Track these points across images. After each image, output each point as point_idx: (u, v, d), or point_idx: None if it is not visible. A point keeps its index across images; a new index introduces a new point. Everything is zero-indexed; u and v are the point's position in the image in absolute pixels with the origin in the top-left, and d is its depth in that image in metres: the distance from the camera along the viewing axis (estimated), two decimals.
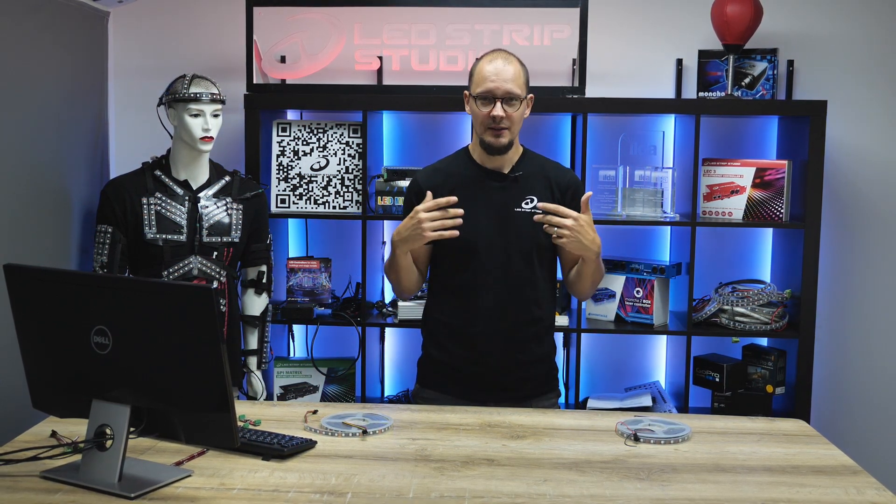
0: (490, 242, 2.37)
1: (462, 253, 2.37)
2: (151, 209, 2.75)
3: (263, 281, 2.98)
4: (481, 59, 2.38)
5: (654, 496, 1.75)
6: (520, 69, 2.36)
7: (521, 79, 2.36)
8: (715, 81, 3.40)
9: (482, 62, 2.36)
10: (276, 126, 3.30)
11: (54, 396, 1.90)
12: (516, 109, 2.34)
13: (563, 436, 2.11)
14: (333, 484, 1.78)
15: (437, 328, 2.46)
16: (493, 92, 2.31)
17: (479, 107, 2.34)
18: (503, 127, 2.33)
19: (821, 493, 1.78)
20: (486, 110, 2.32)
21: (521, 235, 2.37)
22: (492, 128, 2.33)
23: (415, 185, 2.45)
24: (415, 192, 2.42)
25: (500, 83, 2.31)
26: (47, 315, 1.85)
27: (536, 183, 2.42)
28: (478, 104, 2.34)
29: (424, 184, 2.40)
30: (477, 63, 2.39)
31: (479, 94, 2.33)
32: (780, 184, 3.19)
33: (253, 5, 3.20)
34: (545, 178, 2.44)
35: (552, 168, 2.49)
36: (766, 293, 3.21)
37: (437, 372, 2.48)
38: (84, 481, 1.75)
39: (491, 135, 2.34)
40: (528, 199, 2.39)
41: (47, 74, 2.77)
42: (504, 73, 2.31)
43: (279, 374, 3.30)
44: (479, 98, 2.33)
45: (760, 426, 2.23)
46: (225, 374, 1.66)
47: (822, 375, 3.46)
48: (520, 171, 2.43)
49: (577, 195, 2.41)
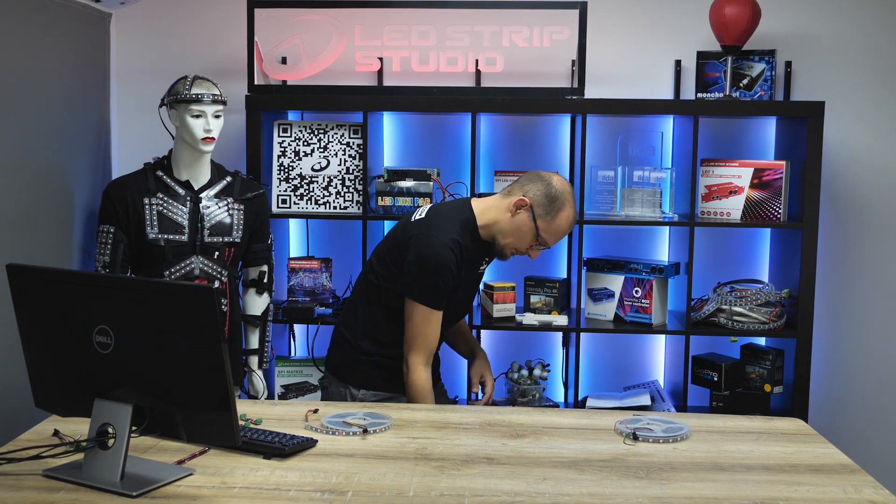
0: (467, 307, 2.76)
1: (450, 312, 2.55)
2: (153, 209, 2.76)
3: (265, 281, 2.99)
4: (567, 213, 2.50)
5: (652, 495, 1.76)
6: None
7: None
8: (713, 82, 3.41)
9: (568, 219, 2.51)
10: (276, 127, 3.31)
11: (57, 395, 1.91)
12: None
13: (562, 435, 2.12)
14: (334, 482, 1.79)
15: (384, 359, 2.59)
16: (550, 245, 2.54)
17: (532, 240, 2.50)
18: None
19: (818, 492, 1.79)
20: (532, 247, 2.53)
21: (476, 288, 2.74)
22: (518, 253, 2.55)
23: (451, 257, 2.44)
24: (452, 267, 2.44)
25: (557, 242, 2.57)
26: (50, 315, 1.86)
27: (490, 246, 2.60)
28: (535, 239, 2.49)
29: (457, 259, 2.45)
30: (563, 212, 2.49)
31: (544, 240, 2.51)
32: (777, 184, 3.20)
33: (254, 7, 3.21)
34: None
35: None
36: (764, 293, 3.22)
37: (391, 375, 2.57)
38: (86, 480, 1.76)
39: (511, 254, 2.56)
40: (486, 260, 2.65)
41: (49, 75, 2.78)
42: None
43: (280, 374, 3.32)
44: (541, 242, 2.51)
45: (758, 425, 2.24)
46: (226, 374, 1.67)
47: (819, 375, 3.47)
48: None
49: None
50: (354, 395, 2.59)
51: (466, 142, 3.40)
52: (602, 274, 3.31)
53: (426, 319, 2.45)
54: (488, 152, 3.50)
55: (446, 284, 2.43)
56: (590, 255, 3.37)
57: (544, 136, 3.50)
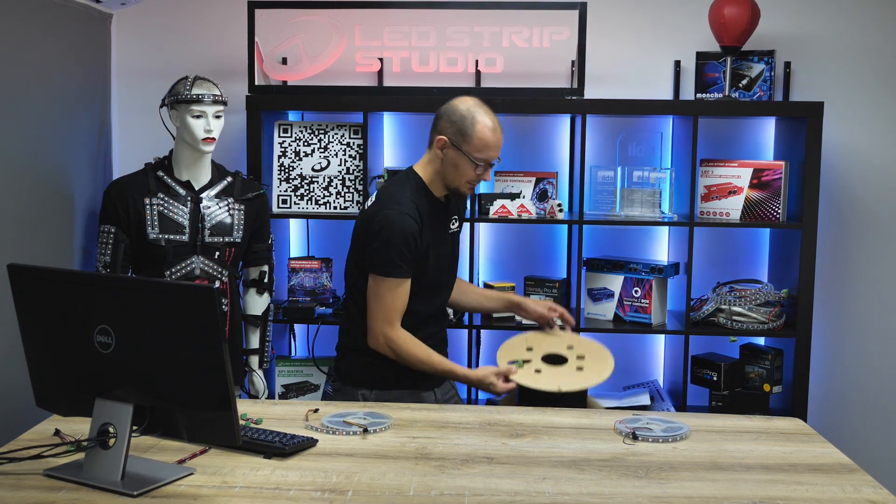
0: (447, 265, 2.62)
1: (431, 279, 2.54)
2: (154, 209, 2.77)
3: (265, 281, 3.00)
4: (477, 121, 2.45)
5: (652, 494, 1.76)
6: None
7: None
8: (712, 83, 3.41)
9: (481, 126, 2.44)
10: (277, 127, 3.32)
11: (58, 395, 1.91)
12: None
13: (562, 434, 2.13)
14: (334, 482, 1.79)
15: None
16: (492, 160, 2.47)
17: (469, 166, 2.45)
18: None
19: (817, 491, 1.80)
20: (477, 173, 2.46)
21: (455, 253, 2.68)
22: (472, 186, 2.50)
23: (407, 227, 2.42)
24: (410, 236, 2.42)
25: (498, 150, 2.47)
26: (51, 314, 1.87)
27: (451, 205, 2.63)
28: (470, 164, 2.45)
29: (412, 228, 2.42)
30: (472, 124, 2.44)
31: (480, 159, 2.44)
32: (777, 184, 3.21)
33: (254, 7, 3.21)
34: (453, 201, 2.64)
35: None
36: (763, 293, 3.23)
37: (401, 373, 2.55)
38: (87, 479, 1.76)
39: (468, 190, 2.53)
40: (454, 220, 2.64)
41: (50, 76, 2.78)
42: (501, 140, 2.47)
43: (280, 373, 3.32)
44: (479, 161, 2.44)
45: (758, 425, 2.24)
46: (227, 373, 1.67)
47: (818, 374, 3.48)
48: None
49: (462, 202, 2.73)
50: (367, 396, 2.55)
51: None
52: (602, 274, 3.31)
53: (393, 291, 2.43)
54: None
55: (411, 251, 2.42)
56: (589, 255, 3.38)
57: (544, 137, 3.51)
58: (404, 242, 2.41)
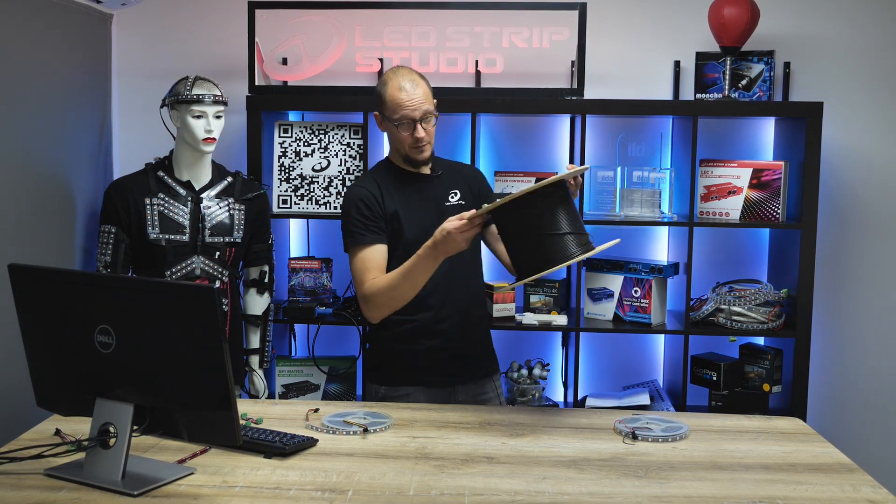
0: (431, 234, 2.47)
1: (409, 248, 2.42)
2: (154, 209, 2.77)
3: (265, 281, 3.00)
4: (387, 85, 2.45)
5: (652, 494, 1.76)
6: (425, 85, 2.47)
7: (430, 93, 2.48)
8: (712, 83, 3.42)
9: (391, 88, 2.44)
10: (277, 127, 3.32)
11: (58, 395, 1.92)
12: (433, 124, 2.48)
13: (561, 434, 2.13)
14: (335, 482, 1.80)
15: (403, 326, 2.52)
16: (412, 117, 2.42)
17: (398, 130, 2.45)
18: (426, 143, 2.47)
19: (817, 491, 1.80)
20: (407, 133, 2.45)
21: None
22: (415, 146, 2.47)
23: (356, 193, 2.49)
24: (360, 199, 2.47)
25: (416, 106, 2.42)
26: (51, 314, 1.87)
27: (454, 180, 2.61)
28: (397, 128, 2.45)
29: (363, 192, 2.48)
30: (384, 89, 2.46)
31: (397, 119, 2.43)
32: (776, 184, 3.21)
33: (255, 8, 3.22)
34: (458, 174, 2.64)
35: (459, 166, 2.71)
36: (762, 293, 3.23)
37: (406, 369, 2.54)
38: (87, 479, 1.76)
39: (416, 152, 2.48)
40: (453, 194, 2.58)
41: (51, 76, 2.79)
42: (416, 96, 2.42)
43: (281, 373, 3.32)
44: (398, 123, 2.43)
45: (757, 424, 2.25)
46: (227, 373, 1.68)
47: (818, 374, 3.48)
48: (439, 171, 2.59)
49: (484, 183, 2.69)
50: (377, 391, 2.57)
51: (466, 142, 3.41)
52: (601, 274, 3.32)
53: (357, 258, 2.44)
54: (488, 153, 3.51)
55: (363, 214, 2.44)
56: None
57: (544, 137, 3.51)
58: (354, 208, 2.46)
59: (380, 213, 2.46)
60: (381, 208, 2.47)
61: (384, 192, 2.49)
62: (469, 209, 2.48)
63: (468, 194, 2.59)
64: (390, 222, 2.48)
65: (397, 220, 2.48)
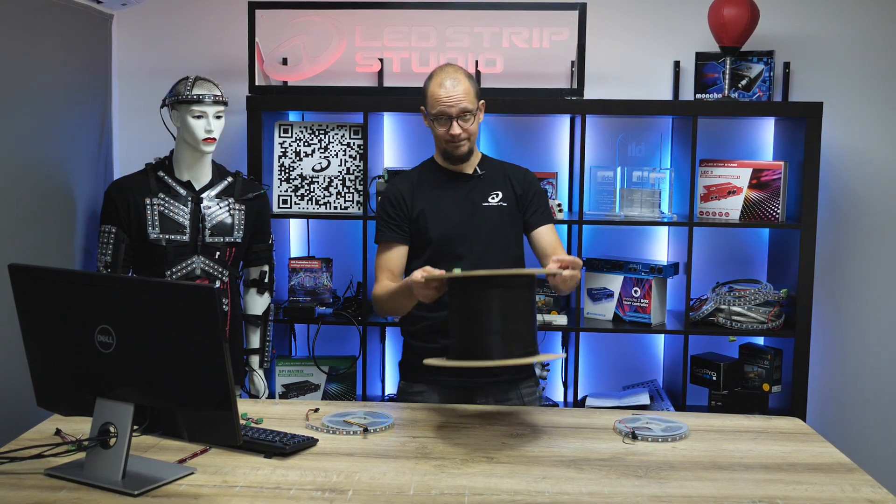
0: (462, 234, 2.51)
1: (436, 246, 2.50)
2: (154, 210, 2.77)
3: (265, 281, 3.00)
4: (431, 80, 2.49)
5: (651, 493, 1.77)
6: (468, 84, 2.48)
7: (472, 92, 2.48)
8: (712, 83, 3.42)
9: (432, 84, 2.48)
10: (277, 127, 3.32)
11: (58, 395, 1.92)
12: (471, 123, 2.49)
13: (561, 434, 2.13)
14: (335, 481, 1.80)
15: (420, 323, 2.53)
16: (448, 113, 2.45)
17: (436, 126, 2.48)
18: (462, 139, 2.48)
19: (816, 491, 1.80)
20: (443, 129, 2.47)
21: (492, 227, 2.53)
22: (451, 142, 2.49)
23: (388, 191, 2.59)
24: (388, 199, 2.56)
25: (454, 103, 2.44)
26: (52, 314, 1.87)
27: (498, 180, 2.58)
28: (435, 124, 2.48)
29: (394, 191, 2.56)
30: (428, 84, 2.50)
31: (435, 115, 2.46)
32: (776, 184, 3.21)
33: (255, 8, 3.22)
34: (504, 176, 2.60)
35: (509, 167, 2.66)
36: (762, 293, 3.23)
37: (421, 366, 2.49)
38: (88, 479, 1.77)
39: (452, 147, 2.50)
40: (494, 195, 2.56)
41: (51, 76, 2.79)
42: (455, 93, 2.44)
43: (281, 373, 3.33)
44: (436, 119, 2.46)
45: (757, 424, 2.25)
46: (227, 373, 1.68)
47: (817, 374, 3.48)
48: (483, 171, 2.58)
49: (532, 186, 2.60)
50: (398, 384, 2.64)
51: None
52: (601, 274, 3.32)
53: (379, 254, 2.54)
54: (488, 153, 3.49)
55: (388, 213, 2.53)
56: (589, 255, 3.38)
57: (544, 137, 3.51)
58: (382, 205, 2.57)
59: (404, 214, 2.53)
60: (407, 209, 2.53)
61: (417, 190, 2.54)
62: (509, 211, 2.55)
63: (511, 196, 2.56)
64: (415, 222, 2.52)
65: (423, 219, 2.51)
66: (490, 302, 2.01)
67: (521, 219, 2.57)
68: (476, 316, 2.02)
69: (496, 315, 2.01)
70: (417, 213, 2.52)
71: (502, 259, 2.52)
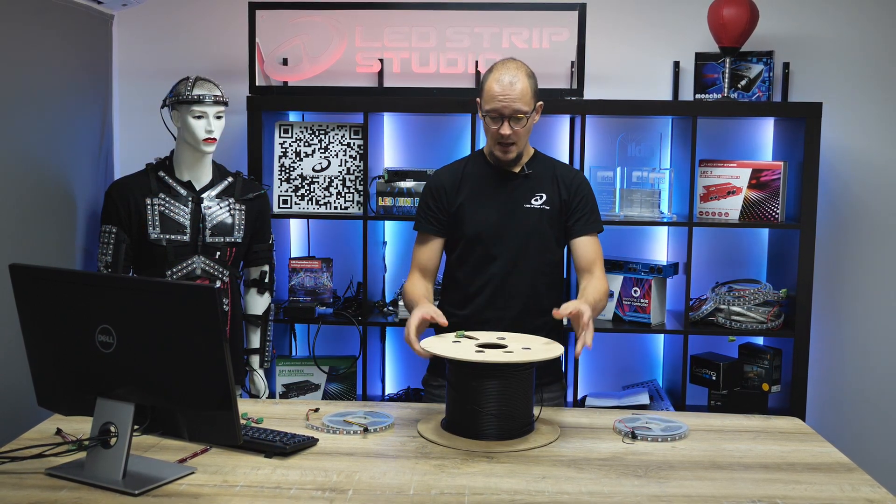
0: (498, 235, 2.46)
1: (471, 243, 2.47)
2: (155, 210, 2.78)
3: (266, 281, 3.00)
4: (491, 74, 2.41)
5: (651, 493, 1.77)
6: (527, 84, 2.39)
7: (529, 94, 2.39)
8: (711, 83, 3.42)
9: (491, 79, 2.39)
10: (278, 128, 3.33)
11: (59, 394, 1.92)
12: (524, 125, 2.40)
13: (561, 433, 2.13)
14: (335, 481, 1.80)
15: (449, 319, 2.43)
16: (501, 111, 2.37)
17: (488, 122, 2.41)
18: (511, 143, 2.41)
19: (816, 490, 1.80)
20: (494, 127, 2.40)
21: (530, 230, 2.46)
22: (500, 143, 2.41)
23: (432, 181, 2.55)
24: (431, 189, 2.53)
25: (508, 103, 2.36)
26: (52, 314, 1.87)
27: (545, 181, 2.50)
28: (487, 119, 2.40)
29: (437, 182, 2.53)
30: (487, 76, 2.41)
31: (487, 111, 2.39)
32: (775, 185, 3.22)
33: (255, 8, 3.22)
34: (553, 177, 2.52)
35: (560, 168, 2.58)
36: (762, 293, 3.24)
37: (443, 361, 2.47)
38: (88, 478, 1.77)
39: (499, 150, 2.43)
40: (538, 196, 2.48)
41: (52, 76, 2.79)
42: (512, 92, 2.36)
43: (281, 373, 3.33)
44: (488, 114, 2.39)
45: (756, 424, 2.25)
46: (228, 373, 1.68)
47: (817, 374, 3.49)
48: (530, 170, 2.50)
49: (580, 191, 2.51)
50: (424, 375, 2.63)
51: (466, 142, 3.42)
52: None
53: (414, 250, 2.54)
54: None
55: (427, 204, 2.51)
56: None
57: (544, 137, 3.51)
58: (424, 195, 2.55)
59: (444, 207, 2.49)
60: (447, 202, 2.49)
61: (461, 183, 2.50)
62: (551, 215, 2.47)
63: (555, 199, 2.47)
64: (455, 216, 2.48)
65: (462, 213, 2.48)
66: (487, 387, 2.03)
67: (563, 224, 2.48)
68: (472, 397, 2.04)
69: (493, 399, 2.03)
70: (458, 206, 2.47)
71: (537, 264, 2.47)
